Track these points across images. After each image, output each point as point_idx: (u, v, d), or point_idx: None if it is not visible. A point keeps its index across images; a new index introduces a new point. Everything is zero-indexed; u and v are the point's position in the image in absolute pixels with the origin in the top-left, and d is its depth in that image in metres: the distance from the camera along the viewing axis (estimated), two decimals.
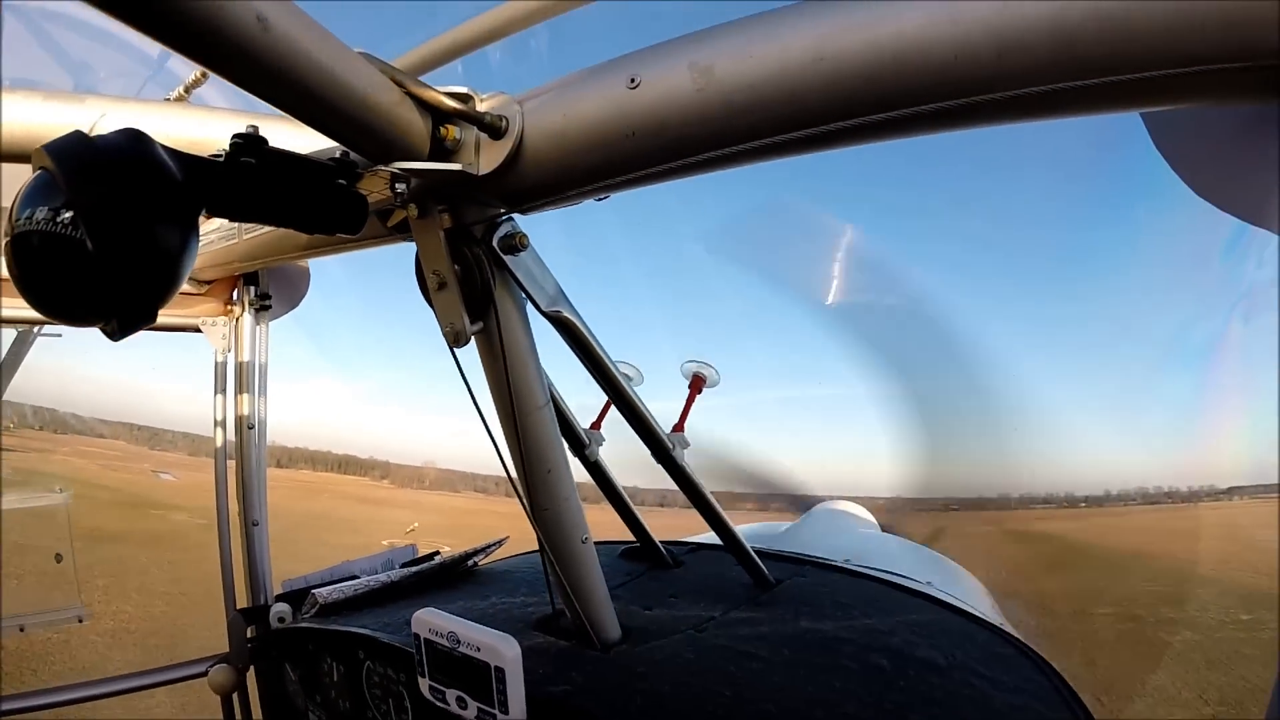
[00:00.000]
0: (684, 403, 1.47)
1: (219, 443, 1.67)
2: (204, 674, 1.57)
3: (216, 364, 1.69)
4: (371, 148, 0.72)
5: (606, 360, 1.15)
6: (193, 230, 0.63)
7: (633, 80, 0.64)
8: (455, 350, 0.94)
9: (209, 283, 1.68)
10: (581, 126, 0.68)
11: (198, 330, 1.70)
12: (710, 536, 1.64)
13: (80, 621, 2.25)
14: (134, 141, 0.60)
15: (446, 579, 1.63)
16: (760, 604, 1.40)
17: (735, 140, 0.61)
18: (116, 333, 0.62)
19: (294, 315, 1.83)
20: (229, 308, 1.71)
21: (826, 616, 1.32)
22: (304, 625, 1.41)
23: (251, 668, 1.58)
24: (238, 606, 1.61)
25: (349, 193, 0.79)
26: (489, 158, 0.73)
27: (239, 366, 1.68)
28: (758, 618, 1.33)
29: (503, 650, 0.94)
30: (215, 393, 1.69)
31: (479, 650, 0.96)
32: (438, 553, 1.72)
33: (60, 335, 3.15)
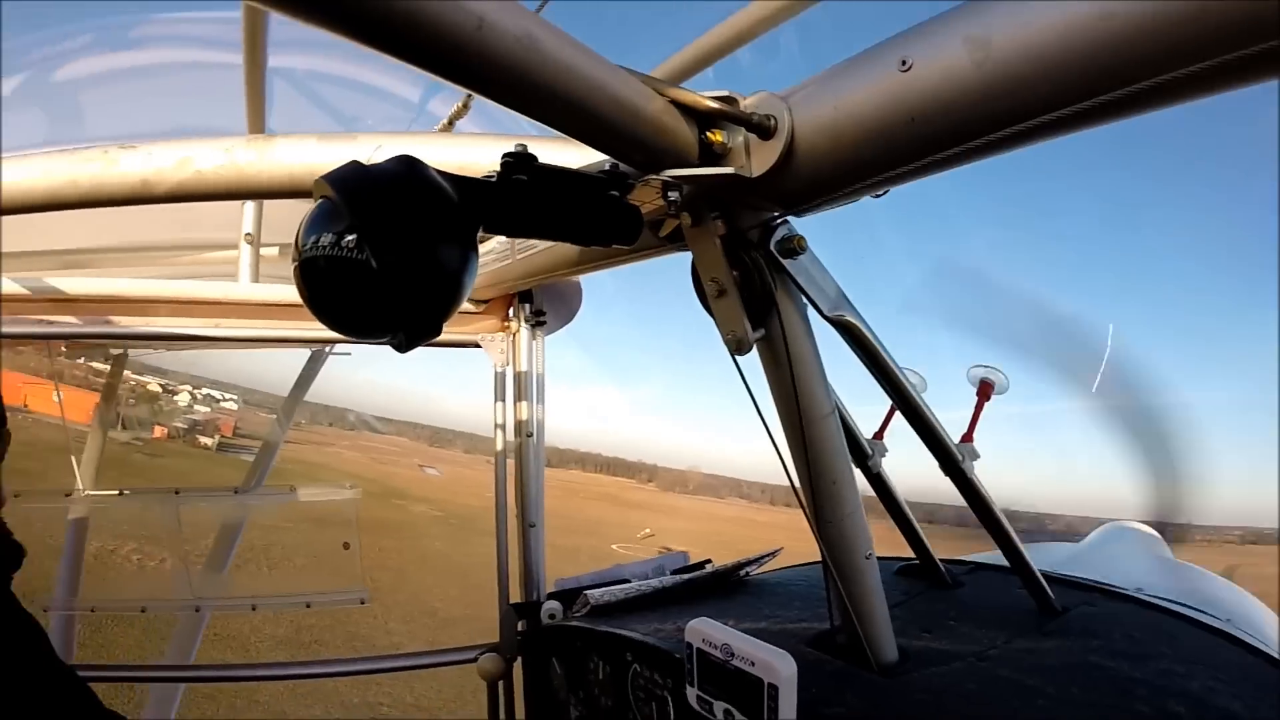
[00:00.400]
0: (972, 411, 1.47)
1: (498, 448, 1.98)
2: (474, 660, 1.87)
3: (496, 375, 2.01)
4: (640, 158, 0.79)
5: (893, 365, 1.18)
6: (471, 248, 0.72)
7: (904, 63, 0.64)
8: (737, 358, 1.02)
9: (486, 301, 2.01)
10: (854, 117, 0.70)
11: (478, 345, 2.02)
12: (988, 556, 1.63)
13: (362, 603, 2.74)
14: (408, 166, 0.71)
15: (718, 588, 1.76)
16: (1046, 633, 1.37)
17: (1022, 116, 0.60)
18: (403, 346, 0.73)
19: (569, 330, 2.08)
20: (506, 324, 2.03)
21: (1119, 652, 1.26)
22: (574, 624, 1.62)
23: (519, 659, 1.85)
24: (510, 601, 1.89)
25: (622, 204, 0.89)
26: (760, 159, 0.78)
27: (517, 378, 1.96)
28: (1044, 648, 1.30)
29: (779, 668, 1.00)
30: (495, 401, 2.01)
31: (753, 665, 1.03)
32: (709, 561, 1.85)
33: (350, 354, 3.83)
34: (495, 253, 1.73)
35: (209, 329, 1.94)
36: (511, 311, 2.01)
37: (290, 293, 1.89)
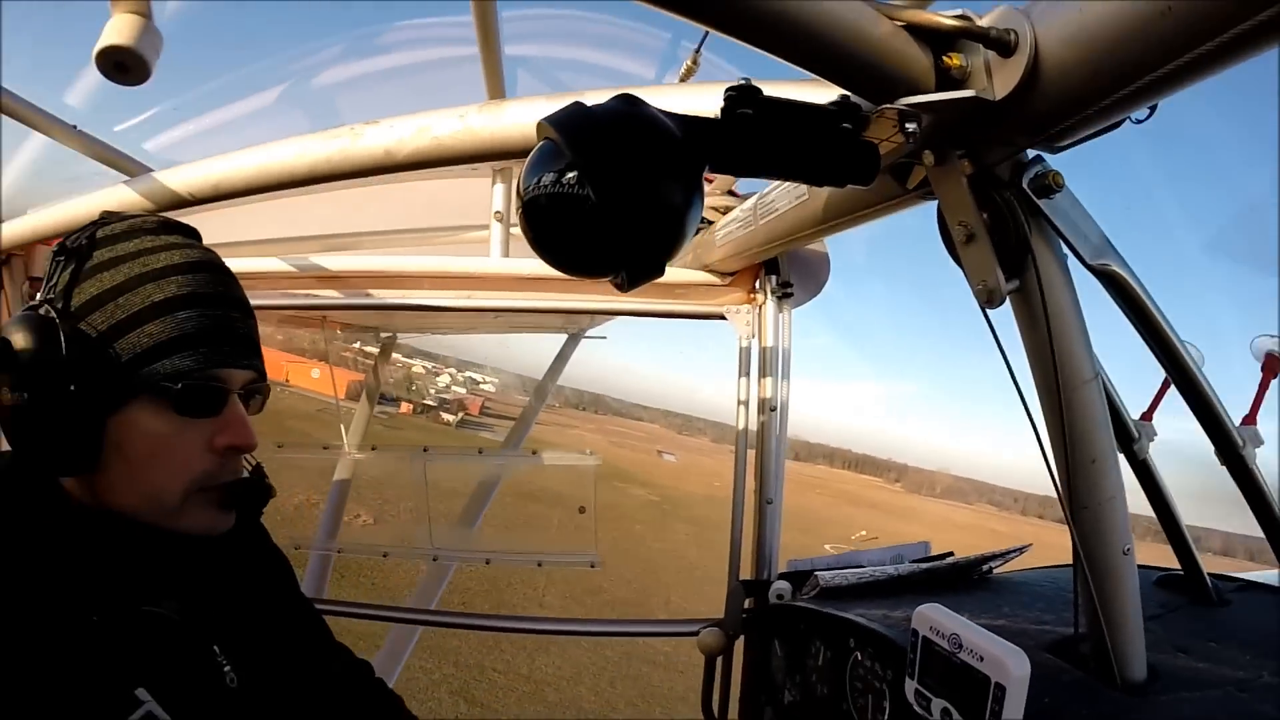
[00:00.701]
0: (1256, 389, 1.36)
1: (740, 424, 2.06)
2: (695, 634, 1.95)
3: (740, 349, 2.09)
4: (872, 87, 0.80)
5: (1168, 329, 1.08)
6: (696, 188, 0.75)
7: None
8: (988, 312, 0.99)
9: (732, 274, 2.10)
10: (1100, 19, 0.67)
11: (723, 318, 2.11)
12: (1264, 575, 1.50)
13: (593, 567, 2.94)
14: (628, 102, 0.74)
15: (957, 581, 1.72)
16: None
17: None
18: (625, 284, 0.76)
19: (821, 307, 2.12)
20: (752, 296, 2.11)
21: None
22: (800, 605, 1.66)
23: (742, 637, 1.92)
24: (740, 578, 1.97)
25: (856, 139, 0.88)
26: (1003, 79, 0.77)
27: (762, 352, 2.03)
28: None
29: (1009, 665, 0.94)
30: (740, 376, 2.09)
31: (981, 660, 0.98)
32: (951, 553, 1.80)
33: (605, 338, 4.12)
34: (738, 220, 1.80)
35: (463, 300, 2.21)
36: (758, 284, 2.09)
37: (537, 266, 2.12)
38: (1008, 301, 1.00)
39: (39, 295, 0.99)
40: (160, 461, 0.97)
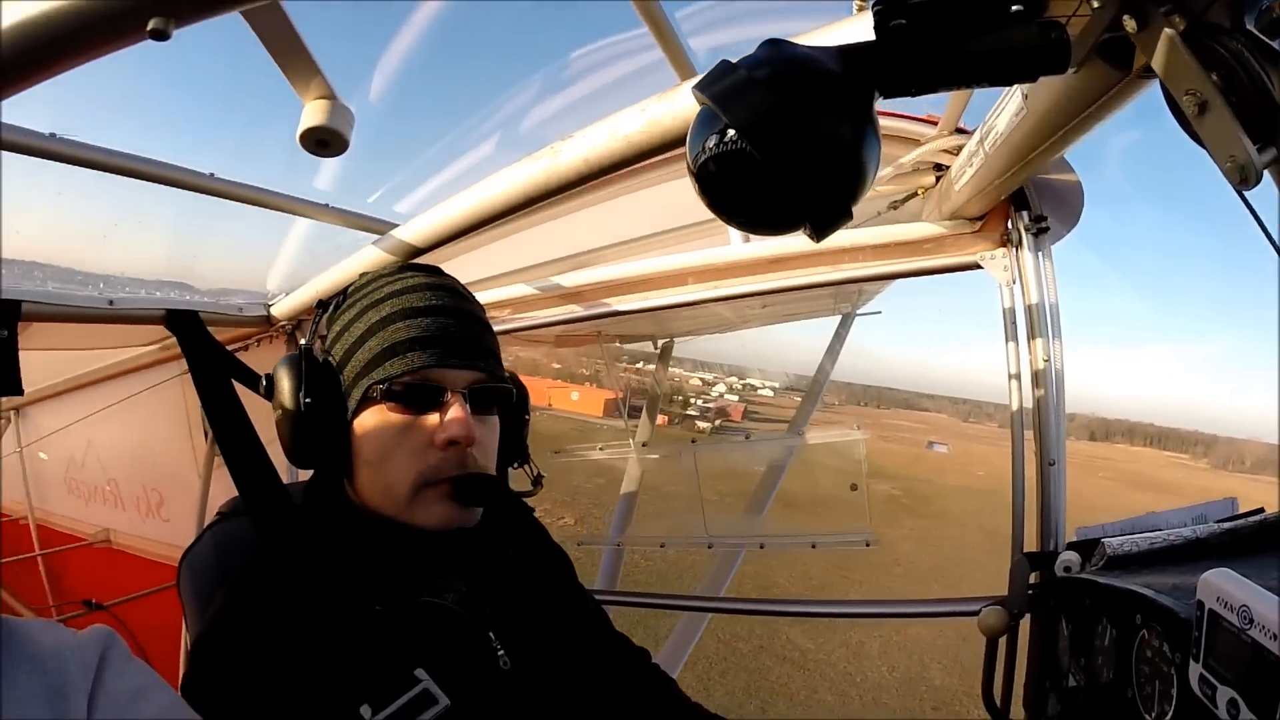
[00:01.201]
0: None
1: (1011, 378, 1.85)
2: (975, 613, 1.77)
3: (1002, 297, 1.91)
4: None
5: None
6: (866, 120, 0.71)
7: None
8: (1245, 195, 0.81)
9: (980, 218, 1.92)
10: None
11: (979, 267, 1.93)
12: None
13: (867, 545, 2.79)
14: (773, 46, 0.71)
15: (1265, 544, 1.36)
16: None
17: None
18: (815, 235, 0.73)
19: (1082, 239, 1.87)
20: (1005, 238, 1.92)
21: None
22: (1086, 577, 1.44)
23: (1027, 615, 1.71)
24: (1024, 550, 1.77)
25: (1035, 21, 0.76)
26: None
27: (1025, 296, 1.85)
28: None
29: None
30: (1005, 324, 1.91)
31: (1276, 639, 0.77)
32: (1262, 509, 1.45)
33: (879, 313, 3.95)
34: (970, 156, 1.66)
35: (706, 293, 2.23)
36: (1009, 223, 1.90)
37: (778, 244, 2.09)
38: (1267, 178, 0.79)
39: (303, 343, 1.21)
40: (389, 459, 1.10)
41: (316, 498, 1.24)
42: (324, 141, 1.29)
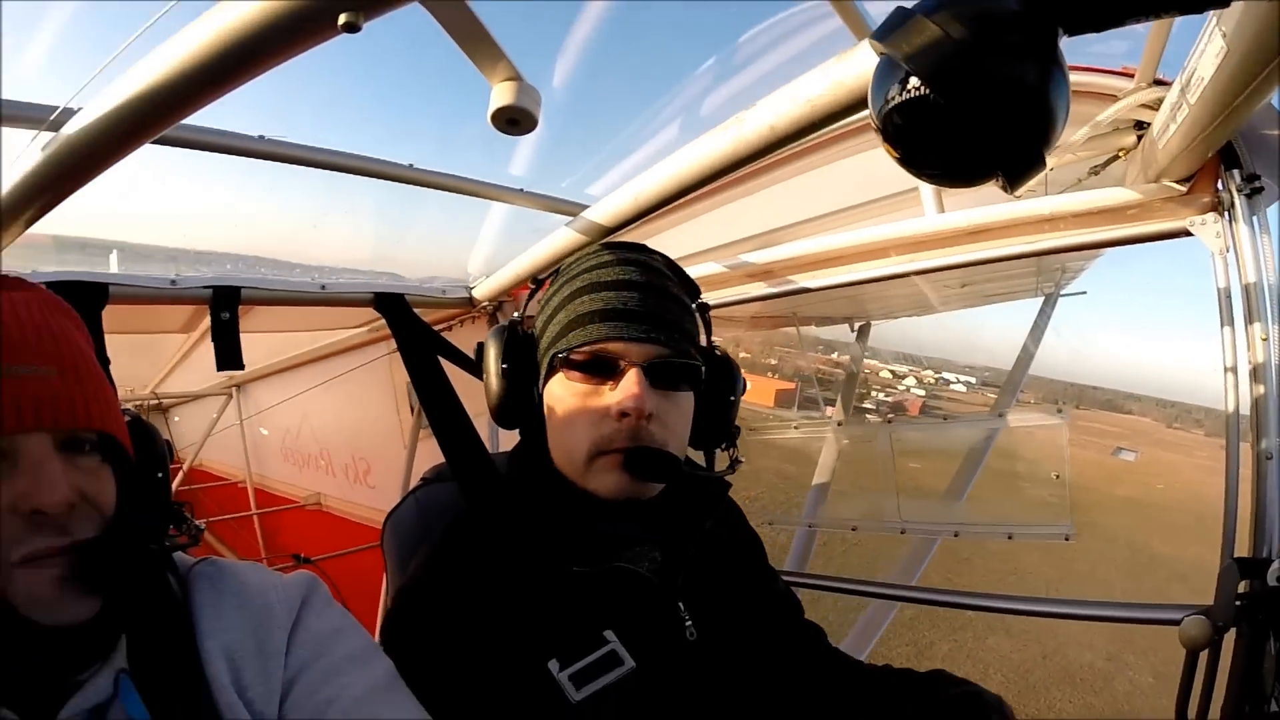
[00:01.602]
0: None
1: (1226, 358, 1.74)
2: (1177, 622, 1.66)
3: (1215, 266, 1.78)
4: None
5: None
6: (1051, 61, 0.69)
7: None
8: None
9: (1188, 179, 1.79)
10: None
11: (1188, 233, 1.82)
12: None
13: (1066, 539, 2.67)
14: None
15: None
16: None
17: None
18: (1008, 186, 0.74)
19: None
20: (1216, 200, 1.77)
21: None
22: None
23: (1233, 629, 1.56)
24: (1234, 555, 1.62)
25: None
26: None
27: (1240, 264, 1.72)
28: None
29: None
30: (1220, 306, 1.76)
31: None
32: None
33: (1084, 293, 3.75)
34: (1172, 108, 1.59)
35: (903, 266, 2.22)
36: (1220, 184, 1.76)
37: (975, 215, 2.06)
38: None
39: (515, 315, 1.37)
40: (569, 426, 1.20)
41: (520, 461, 1.35)
42: (514, 120, 1.36)
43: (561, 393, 1.21)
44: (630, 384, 1.14)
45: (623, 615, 1.16)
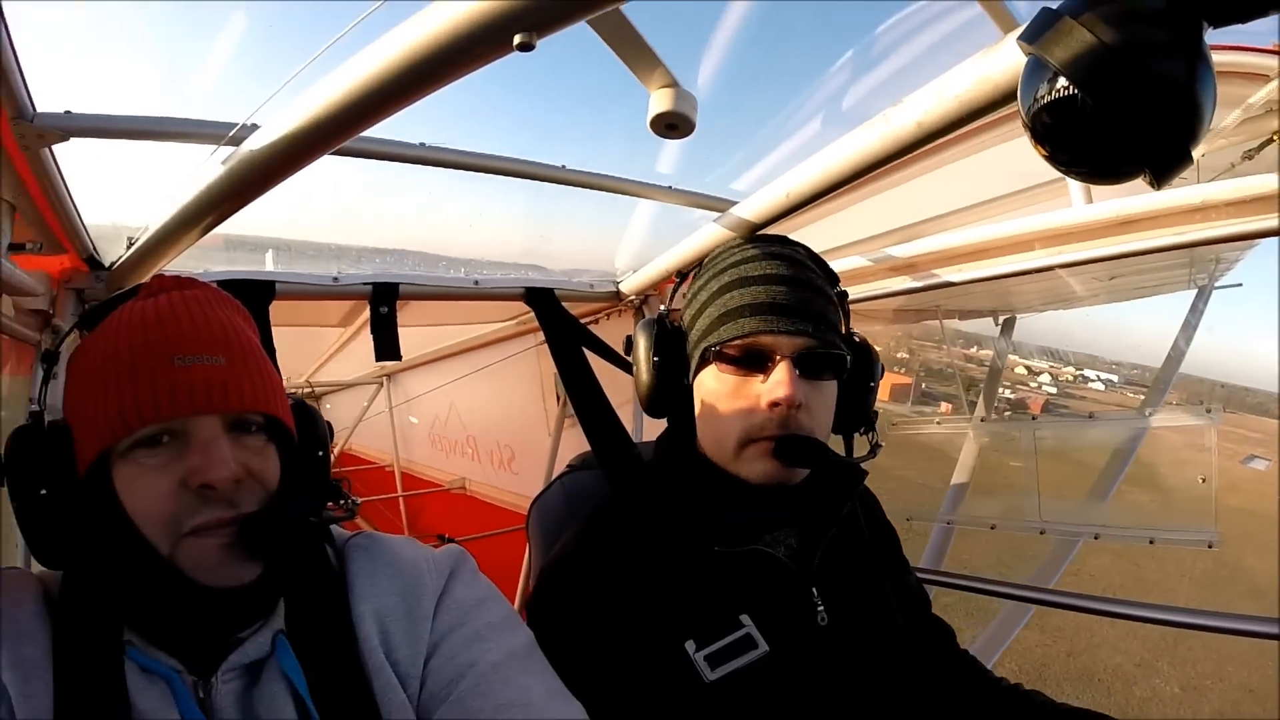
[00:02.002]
0: None
1: None
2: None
3: None
4: None
5: None
6: (1197, 55, 0.69)
7: None
8: None
9: None
10: None
11: None
12: None
13: (1210, 547, 2.53)
14: None
15: None
16: None
17: None
18: (1155, 182, 0.74)
19: None
20: None
21: None
22: None
23: None
24: None
25: None
26: None
27: None
28: None
29: None
30: None
31: None
32: None
33: (1240, 285, 3.53)
34: None
35: (1049, 259, 2.18)
36: None
37: (1123, 205, 2.01)
38: None
39: (661, 308, 1.43)
40: (719, 415, 1.23)
41: (666, 447, 1.41)
42: (672, 125, 1.40)
43: (713, 384, 1.24)
44: (781, 375, 1.17)
45: (758, 598, 1.21)
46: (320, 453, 1.07)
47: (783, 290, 1.21)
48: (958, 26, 1.72)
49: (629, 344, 1.39)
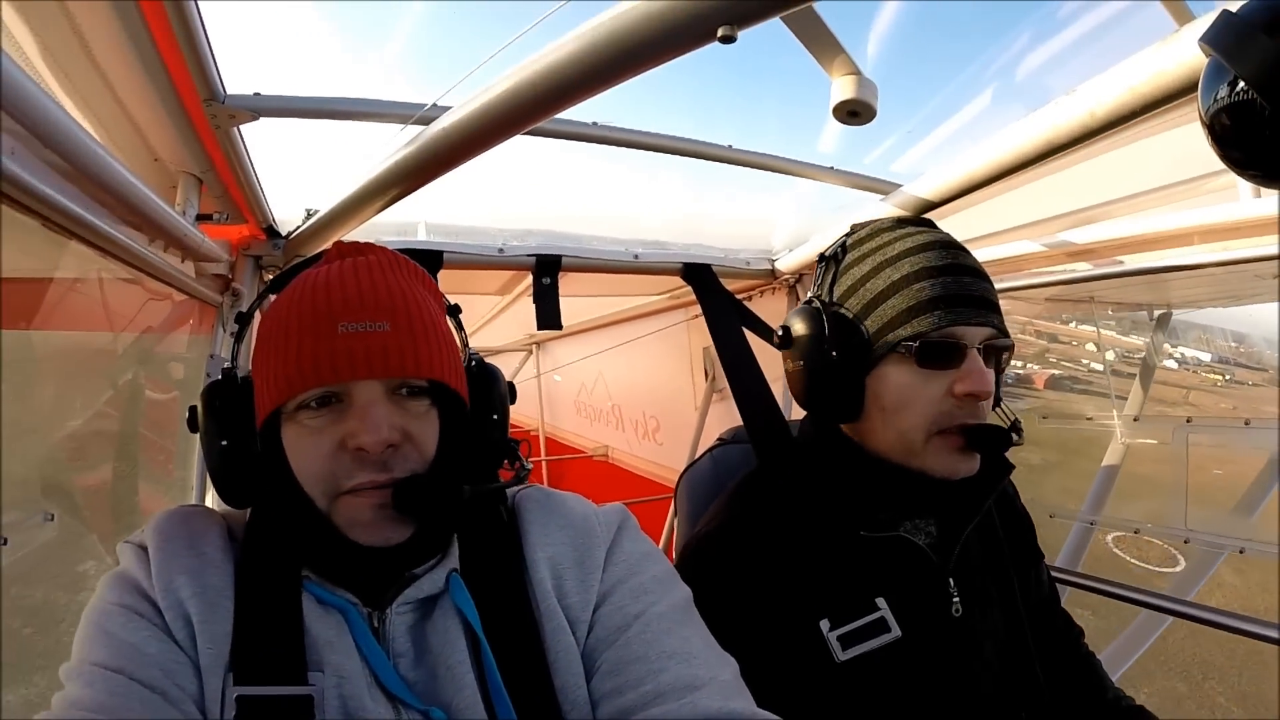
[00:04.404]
0: None
1: None
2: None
3: None
4: None
5: None
6: None
7: None
8: None
9: None
10: None
11: None
12: None
13: None
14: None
15: None
16: None
17: None
18: None
19: None
20: None
21: None
22: None
23: None
24: None
25: None
26: None
27: None
28: None
29: None
30: None
31: None
32: None
33: None
34: None
35: (1211, 255, 2.12)
36: None
37: None
38: None
39: (809, 294, 1.37)
40: (906, 409, 1.20)
41: (817, 432, 1.39)
42: (854, 112, 1.42)
43: (900, 377, 1.20)
44: (977, 367, 1.16)
45: (895, 584, 1.22)
46: (495, 415, 1.09)
47: (968, 280, 1.20)
48: (1130, 4, 1.67)
49: (786, 333, 1.33)
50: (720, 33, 0.94)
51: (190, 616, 0.88)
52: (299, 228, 2.07)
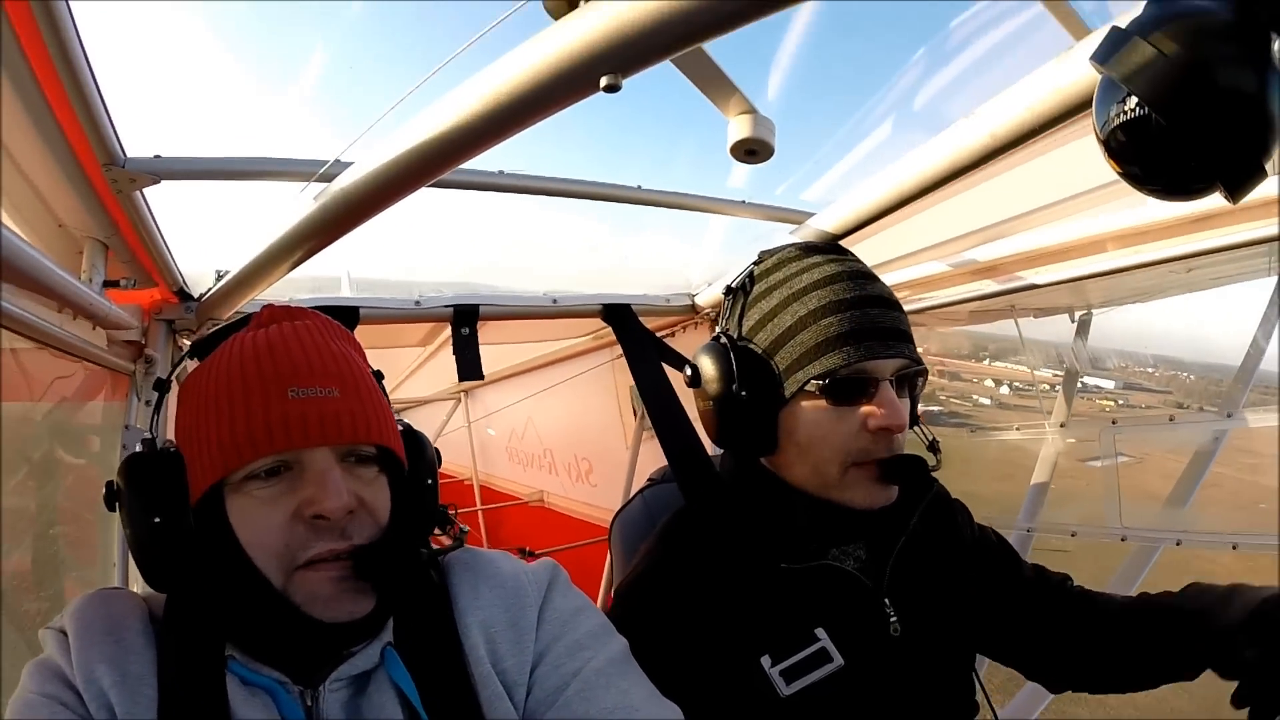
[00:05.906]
0: None
1: None
2: None
3: None
4: None
5: None
6: (1267, 65, 0.66)
7: None
8: None
9: None
10: None
11: None
12: None
13: None
14: (1161, 6, 0.68)
15: None
16: None
17: None
18: (1230, 197, 0.71)
19: None
20: None
21: None
22: None
23: None
24: None
25: None
26: None
27: None
28: None
29: None
30: None
31: None
32: None
33: None
34: None
35: (1126, 259, 2.11)
36: None
37: (1199, 202, 1.95)
38: None
39: (717, 328, 1.36)
40: (821, 444, 1.18)
41: (737, 467, 1.36)
42: (752, 150, 1.38)
43: (812, 413, 1.18)
44: (890, 400, 1.14)
45: (831, 612, 1.20)
46: (429, 480, 1.07)
47: (877, 313, 1.18)
48: (1023, 24, 1.70)
49: (695, 371, 1.30)
50: (603, 83, 0.91)
51: (113, 705, 0.83)
52: (210, 290, 1.97)
